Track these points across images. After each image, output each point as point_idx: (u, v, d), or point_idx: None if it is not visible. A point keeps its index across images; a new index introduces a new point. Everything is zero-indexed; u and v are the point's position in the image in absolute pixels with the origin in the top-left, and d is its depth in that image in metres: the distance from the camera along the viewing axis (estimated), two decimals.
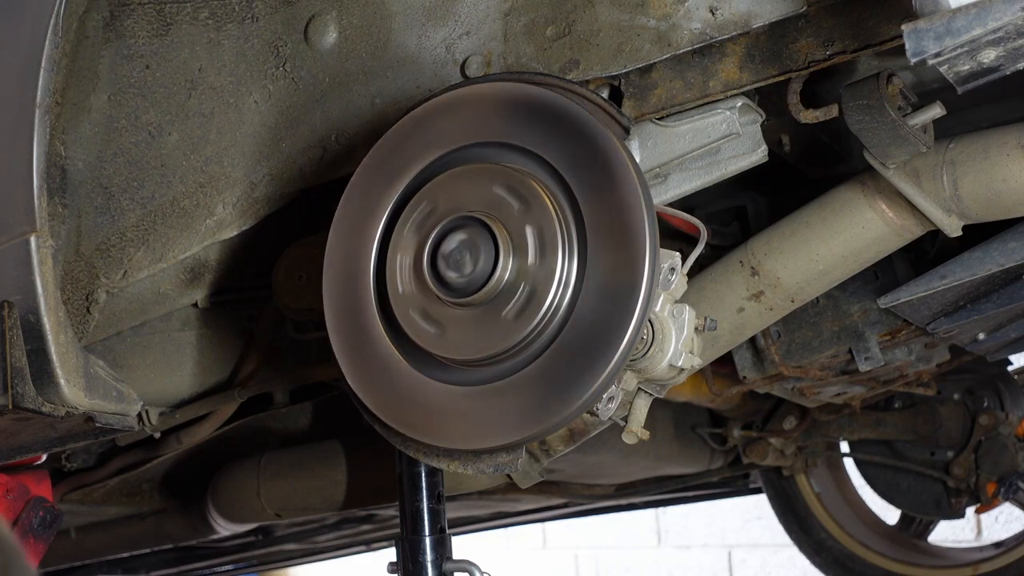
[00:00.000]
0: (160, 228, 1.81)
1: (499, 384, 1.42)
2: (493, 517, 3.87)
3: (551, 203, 1.39)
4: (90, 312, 1.83)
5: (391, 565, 2.02)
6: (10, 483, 2.34)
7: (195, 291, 1.91)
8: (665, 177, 1.66)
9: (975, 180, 1.72)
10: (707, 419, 3.20)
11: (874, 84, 1.54)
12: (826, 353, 2.31)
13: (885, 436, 3.18)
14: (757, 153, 1.63)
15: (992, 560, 3.20)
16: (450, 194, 1.46)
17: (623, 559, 6.63)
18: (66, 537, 3.12)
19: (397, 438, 1.56)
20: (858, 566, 3.36)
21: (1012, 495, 3.07)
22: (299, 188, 1.77)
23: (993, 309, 2.05)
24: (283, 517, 2.81)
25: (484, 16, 1.64)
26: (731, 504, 5.41)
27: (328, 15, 1.74)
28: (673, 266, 1.47)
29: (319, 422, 2.80)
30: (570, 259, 1.38)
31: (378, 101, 1.70)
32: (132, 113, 1.82)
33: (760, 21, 1.48)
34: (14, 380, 1.60)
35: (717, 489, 3.77)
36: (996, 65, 1.20)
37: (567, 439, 2.00)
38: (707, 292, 1.96)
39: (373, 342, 1.50)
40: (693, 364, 1.51)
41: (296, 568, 6.56)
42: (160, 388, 2.11)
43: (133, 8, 1.82)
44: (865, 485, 3.36)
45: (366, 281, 1.51)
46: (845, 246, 1.84)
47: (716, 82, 1.55)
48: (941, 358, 2.54)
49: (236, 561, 4.04)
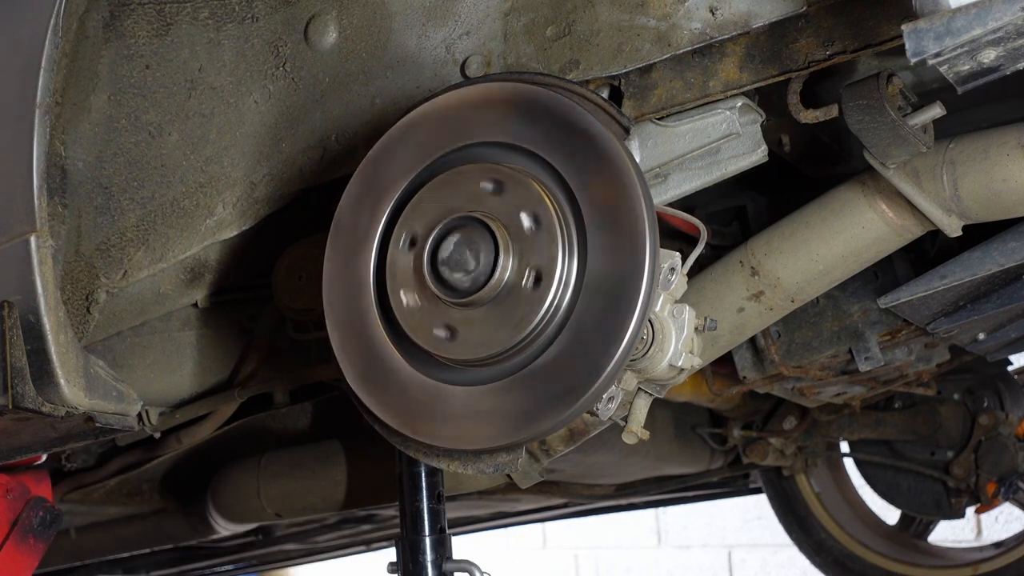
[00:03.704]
0: (160, 228, 1.81)
1: (499, 384, 1.42)
2: (493, 517, 3.87)
3: (551, 203, 1.39)
4: (90, 312, 1.83)
5: (391, 565, 2.02)
6: (10, 483, 2.34)
7: (195, 291, 1.91)
8: (665, 177, 1.66)
9: (975, 180, 1.72)
10: (707, 419, 3.21)
11: (874, 84, 1.54)
12: (826, 353, 2.31)
13: (885, 436, 3.18)
14: (757, 153, 1.63)
15: (992, 560, 3.20)
16: (449, 194, 1.46)
17: (623, 559, 6.63)
18: (66, 537, 3.12)
19: (397, 438, 1.56)
20: (858, 566, 3.36)
21: (1012, 495, 3.07)
22: (299, 188, 1.77)
23: (993, 309, 2.05)
24: (283, 517, 2.81)
25: (484, 16, 1.64)
26: (731, 504, 5.41)
27: (328, 15, 1.74)
28: (673, 266, 1.47)
29: (319, 422, 2.80)
30: (570, 259, 1.38)
31: (378, 101, 1.70)
32: (132, 113, 1.82)
33: (760, 21, 1.48)
34: (14, 380, 1.60)
35: (717, 489, 3.77)
36: (996, 65, 1.20)
37: (567, 439, 2.00)
38: (707, 292, 1.96)
39: (373, 342, 1.50)
40: (693, 364, 1.51)
41: (296, 568, 6.56)
42: (160, 388, 2.11)
43: (133, 8, 1.82)
44: (865, 485, 3.36)
45: (366, 281, 1.51)
46: (845, 246, 1.84)
47: (716, 82, 1.55)
48: (941, 358, 2.54)
49: (236, 561, 4.04)
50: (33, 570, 2.35)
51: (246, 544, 3.73)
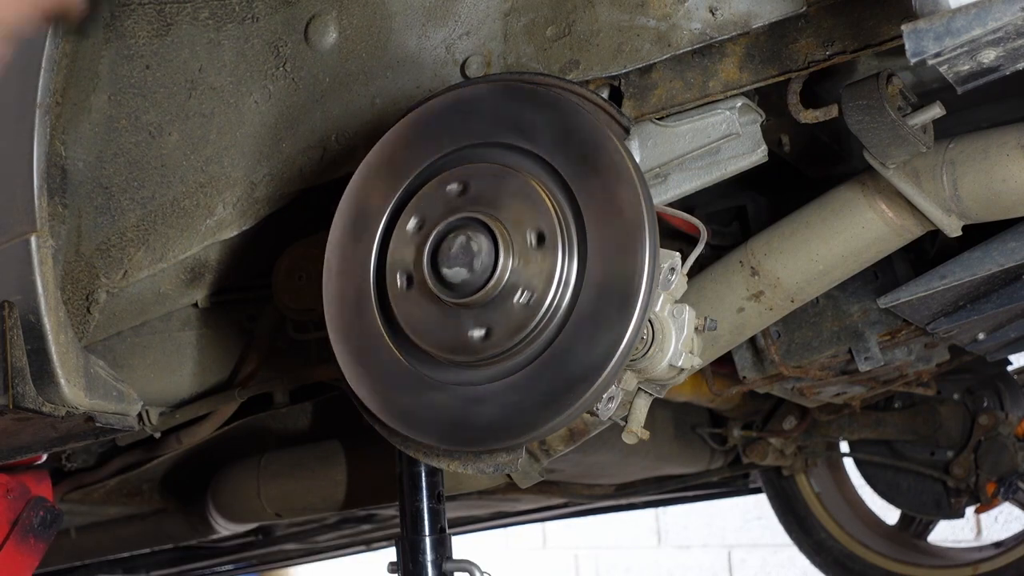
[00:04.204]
0: (160, 228, 1.82)
1: (498, 384, 1.42)
2: (493, 517, 3.87)
3: (551, 203, 1.39)
4: (90, 312, 1.83)
5: (391, 565, 2.02)
6: (10, 483, 2.34)
7: (195, 291, 1.91)
8: (665, 177, 1.66)
9: (975, 180, 1.72)
10: (707, 419, 3.21)
11: (874, 84, 1.54)
12: (826, 353, 2.31)
13: (885, 436, 3.18)
14: (757, 153, 1.63)
15: (992, 560, 3.20)
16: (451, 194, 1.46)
17: (623, 559, 6.63)
18: (66, 537, 3.12)
19: (397, 438, 1.56)
20: (858, 566, 3.36)
21: (1012, 495, 3.07)
22: (299, 188, 1.77)
23: (993, 309, 2.05)
24: (283, 517, 2.81)
25: (484, 16, 1.64)
26: (731, 504, 5.41)
27: (328, 15, 1.74)
28: (673, 266, 1.47)
29: (319, 422, 2.80)
30: (570, 259, 1.38)
31: (378, 101, 1.70)
32: (132, 113, 1.82)
33: (760, 21, 1.48)
34: (14, 380, 1.60)
35: (717, 489, 3.77)
36: (996, 65, 1.20)
37: (567, 439, 2.00)
38: (707, 292, 1.96)
39: (373, 342, 1.50)
40: (693, 364, 1.51)
41: (296, 568, 6.56)
42: (160, 388, 2.11)
43: (133, 8, 1.82)
44: (865, 485, 3.36)
45: (366, 281, 1.51)
46: (845, 246, 1.84)
47: (716, 82, 1.55)
48: (941, 358, 2.54)
49: (236, 561, 4.05)
50: (33, 570, 2.35)
51: (246, 544, 3.74)
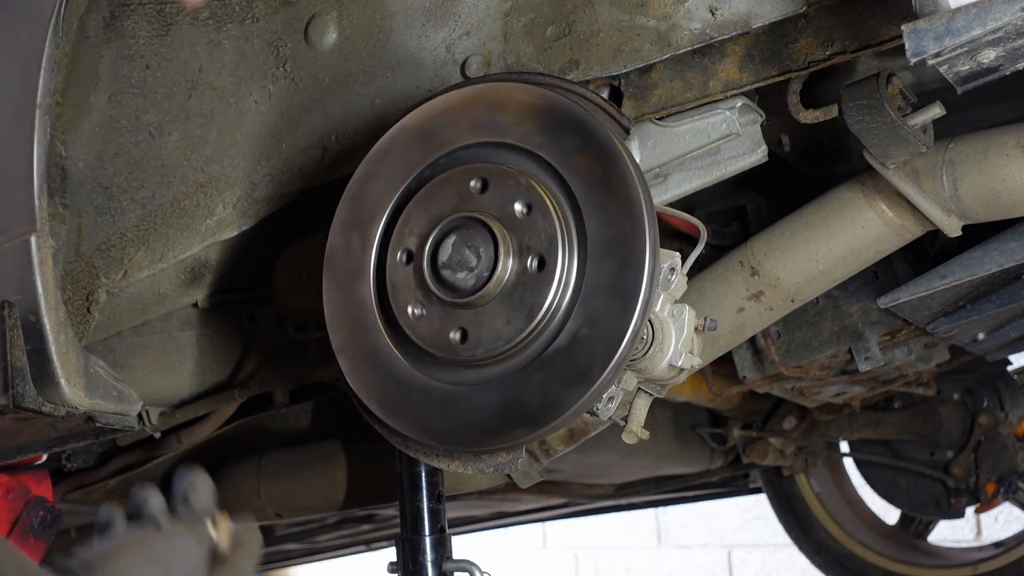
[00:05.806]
0: (160, 228, 1.82)
1: (498, 384, 1.42)
2: (493, 517, 3.87)
3: (551, 203, 1.39)
4: (90, 312, 1.83)
5: (391, 565, 2.01)
6: (10, 483, 2.34)
7: (195, 291, 1.91)
8: (665, 177, 1.66)
9: (975, 180, 1.72)
10: (707, 419, 3.21)
11: (874, 84, 1.54)
12: (826, 353, 2.31)
13: (885, 436, 3.18)
14: (757, 153, 1.63)
15: (992, 560, 3.20)
16: (440, 199, 1.46)
17: (623, 559, 6.63)
18: (66, 537, 3.11)
19: (397, 438, 1.56)
20: (858, 566, 3.36)
21: (1012, 495, 3.07)
22: (299, 188, 1.77)
23: (993, 309, 2.06)
24: (283, 517, 2.80)
25: (484, 16, 1.64)
26: (731, 504, 5.41)
27: (328, 15, 1.74)
28: (673, 266, 1.47)
29: (319, 422, 2.79)
30: (570, 259, 1.38)
31: (378, 101, 1.70)
32: (132, 113, 1.82)
33: (760, 21, 1.48)
34: (14, 380, 1.60)
35: (717, 489, 3.77)
36: (996, 65, 1.20)
37: (567, 439, 2.00)
38: (707, 292, 1.96)
39: (373, 342, 1.50)
40: (693, 364, 1.51)
41: (296, 568, 6.56)
42: (160, 388, 2.11)
43: (133, 8, 1.82)
44: (865, 485, 3.36)
45: (366, 281, 1.51)
46: (845, 246, 1.84)
47: (716, 82, 1.56)
48: (941, 358, 2.54)
49: None
50: None
51: None
